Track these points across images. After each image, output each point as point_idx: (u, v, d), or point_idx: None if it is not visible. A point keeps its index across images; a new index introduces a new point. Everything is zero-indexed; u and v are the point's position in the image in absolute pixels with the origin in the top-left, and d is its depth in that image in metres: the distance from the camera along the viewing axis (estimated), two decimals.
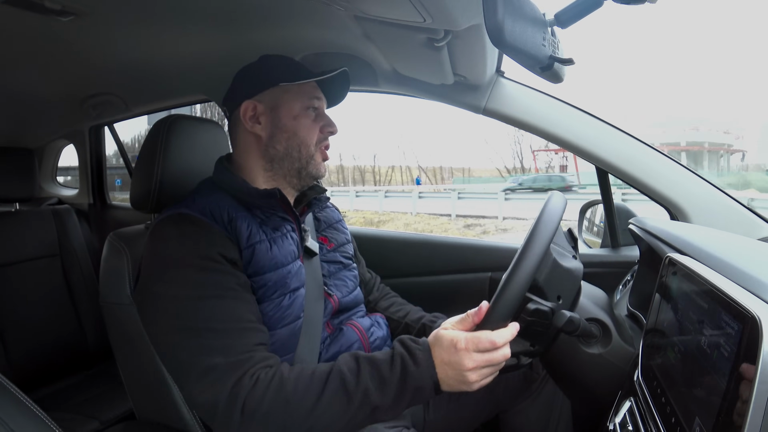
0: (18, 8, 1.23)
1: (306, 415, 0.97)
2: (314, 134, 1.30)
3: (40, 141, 2.95)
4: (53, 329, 2.30)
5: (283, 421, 0.97)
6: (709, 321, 0.70)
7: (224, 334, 1.04)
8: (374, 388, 0.98)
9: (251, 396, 0.97)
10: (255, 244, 1.18)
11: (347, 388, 0.98)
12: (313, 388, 0.99)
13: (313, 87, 1.32)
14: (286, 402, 0.98)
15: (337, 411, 0.97)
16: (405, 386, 0.98)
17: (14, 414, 0.80)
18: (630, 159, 1.55)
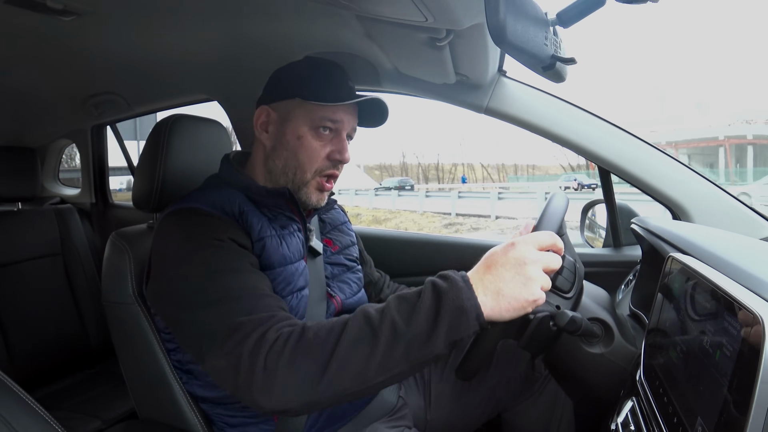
0: (20, 8, 1.24)
1: (329, 357, 0.86)
2: (315, 160, 1.23)
3: (43, 140, 2.96)
4: (55, 328, 2.31)
5: (306, 367, 0.87)
6: (712, 321, 0.70)
7: (245, 299, 0.99)
8: (402, 320, 0.86)
9: (274, 348, 0.89)
10: (265, 238, 1.17)
11: (372, 325, 0.87)
12: (335, 331, 0.89)
13: (333, 109, 1.21)
14: (308, 346, 0.88)
15: (364, 351, 0.85)
16: (439, 311, 0.85)
17: (17, 413, 0.81)
18: (632, 158, 1.55)
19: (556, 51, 0.91)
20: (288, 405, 0.88)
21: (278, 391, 0.87)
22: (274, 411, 0.90)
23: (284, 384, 0.87)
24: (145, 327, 1.24)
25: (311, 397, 0.87)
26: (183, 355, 1.21)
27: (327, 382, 0.85)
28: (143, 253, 1.28)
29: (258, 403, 0.89)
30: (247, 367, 0.89)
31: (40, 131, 2.84)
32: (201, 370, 1.18)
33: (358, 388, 0.86)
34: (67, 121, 2.74)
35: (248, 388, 0.89)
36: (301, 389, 0.87)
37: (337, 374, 0.85)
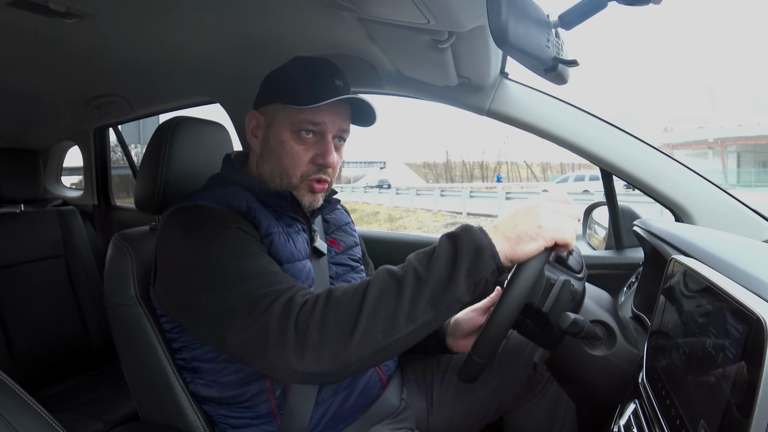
0: (22, 10, 1.24)
1: (359, 312, 0.88)
2: (299, 165, 1.22)
3: (45, 142, 2.97)
4: (58, 330, 2.31)
5: (338, 325, 0.89)
6: (714, 323, 0.70)
7: (264, 275, 1.01)
8: (423, 268, 0.90)
9: (303, 310, 0.91)
10: (273, 234, 1.17)
11: (395, 277, 0.90)
12: (360, 288, 0.91)
13: (314, 111, 1.19)
14: (337, 305, 0.90)
15: (391, 302, 0.88)
16: (457, 253, 0.89)
17: (18, 414, 0.81)
18: (634, 161, 1.55)
19: (558, 53, 0.91)
20: (322, 366, 0.89)
21: (312, 352, 0.88)
22: (307, 373, 0.90)
23: (318, 344, 0.88)
24: (147, 329, 1.24)
25: (344, 355, 0.88)
26: (190, 352, 1.20)
27: (359, 337, 0.87)
28: (146, 254, 1.28)
29: (291, 366, 0.89)
30: (278, 331, 0.90)
31: (42, 133, 2.85)
32: (208, 368, 1.18)
33: (388, 341, 0.88)
34: (70, 123, 2.75)
35: (280, 353, 0.90)
36: (335, 348, 0.88)
37: (368, 329, 0.87)
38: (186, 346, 1.21)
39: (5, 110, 2.40)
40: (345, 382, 1.24)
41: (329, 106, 1.18)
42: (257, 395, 1.17)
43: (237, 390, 1.17)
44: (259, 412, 1.18)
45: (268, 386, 1.17)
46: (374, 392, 1.30)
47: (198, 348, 1.18)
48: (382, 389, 1.32)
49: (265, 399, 1.17)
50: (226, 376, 1.17)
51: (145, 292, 1.26)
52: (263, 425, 1.19)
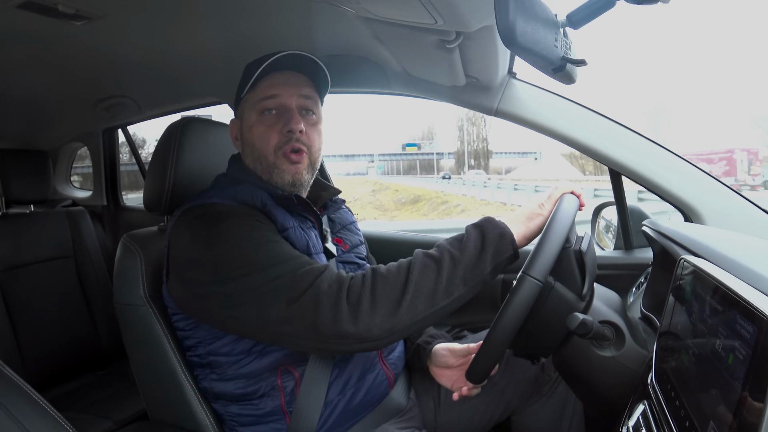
0: (32, 12, 1.25)
1: (405, 284, 1.01)
2: (270, 141, 1.25)
3: (54, 143, 2.99)
4: (67, 329, 2.33)
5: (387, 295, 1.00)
6: (724, 324, 0.69)
7: (298, 258, 1.09)
8: (456, 250, 1.04)
9: (354, 283, 1.02)
10: (289, 229, 1.20)
11: (433, 257, 1.04)
12: (403, 265, 1.04)
13: (267, 86, 1.26)
14: (384, 279, 1.02)
15: (431, 277, 1.01)
16: (485, 238, 1.05)
17: (28, 413, 0.81)
18: (643, 160, 1.54)
19: (567, 52, 0.91)
20: (372, 332, 0.99)
21: (364, 319, 0.98)
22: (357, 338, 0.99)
23: (370, 312, 0.99)
24: (156, 328, 1.24)
25: (392, 323, 0.99)
26: (206, 347, 1.20)
27: (405, 307, 0.99)
28: (154, 255, 1.29)
29: (344, 330, 0.98)
30: (331, 302, 0.99)
31: (52, 134, 2.87)
32: (224, 361, 1.19)
33: (428, 312, 1.01)
34: (79, 125, 2.76)
35: (333, 321, 0.98)
36: (384, 315, 0.99)
37: (413, 300, 1.00)
38: (201, 342, 1.21)
39: (15, 112, 2.41)
40: (353, 381, 1.24)
41: (282, 78, 1.27)
42: (268, 392, 1.18)
43: (249, 386, 1.18)
44: (269, 410, 1.18)
45: (279, 383, 1.17)
46: (382, 391, 1.30)
47: (214, 342, 1.19)
48: (389, 388, 1.32)
49: (276, 396, 1.18)
50: (240, 368, 1.18)
51: (154, 292, 1.26)
52: (272, 423, 1.19)
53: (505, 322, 0.97)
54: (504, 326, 0.97)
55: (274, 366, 1.18)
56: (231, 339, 1.17)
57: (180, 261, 1.15)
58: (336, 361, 1.22)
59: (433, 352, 1.38)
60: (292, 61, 1.26)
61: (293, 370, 1.18)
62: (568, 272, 1.07)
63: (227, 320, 1.10)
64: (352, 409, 1.24)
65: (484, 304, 1.88)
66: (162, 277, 1.25)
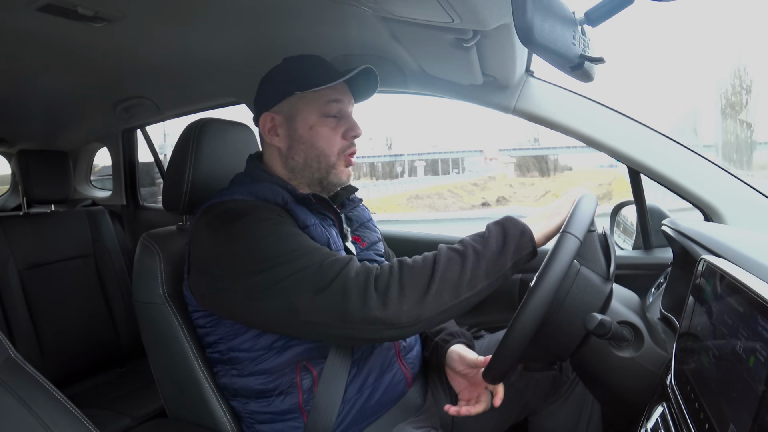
0: (52, 15, 1.26)
1: (431, 275, 1.02)
2: (334, 143, 1.29)
3: (75, 144, 3.02)
4: (87, 327, 2.36)
5: (414, 284, 1.02)
6: (745, 325, 0.69)
7: (322, 249, 1.11)
8: (479, 245, 1.06)
9: (381, 273, 1.04)
10: (310, 226, 1.21)
11: (457, 251, 1.06)
12: (428, 257, 1.06)
13: (331, 90, 1.27)
14: (411, 270, 1.04)
15: (456, 269, 1.03)
16: (506, 234, 1.07)
17: (49, 409, 0.83)
18: (663, 159, 1.53)
19: (585, 50, 0.90)
20: (400, 317, 1.00)
21: (393, 306, 1.00)
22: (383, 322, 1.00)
23: (399, 299, 1.00)
24: (175, 327, 1.26)
25: (419, 311, 1.01)
26: (227, 343, 1.21)
27: (432, 296, 1.01)
28: (173, 254, 1.30)
29: (373, 316, 1.00)
30: (360, 290, 1.01)
31: (72, 135, 2.90)
32: (244, 357, 1.20)
33: (452, 302, 1.02)
34: (99, 125, 2.79)
35: (362, 308, 1.00)
36: (412, 303, 1.01)
37: (439, 290, 1.01)
38: (222, 339, 1.22)
39: (36, 113, 2.44)
40: (371, 379, 1.24)
41: (340, 86, 1.29)
42: (287, 390, 1.18)
43: (269, 382, 1.19)
44: (287, 408, 1.19)
45: (297, 381, 1.18)
46: (399, 390, 1.30)
47: (236, 338, 1.19)
48: (407, 387, 1.32)
49: (294, 394, 1.18)
50: (260, 364, 1.18)
51: (173, 290, 1.27)
52: (290, 421, 1.20)
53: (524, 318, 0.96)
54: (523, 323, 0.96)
55: (294, 362, 1.18)
56: (252, 335, 1.17)
57: (203, 257, 1.16)
58: (354, 360, 1.22)
59: (449, 353, 1.37)
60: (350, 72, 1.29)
61: (312, 368, 1.18)
62: (593, 255, 1.08)
63: (253, 313, 1.10)
64: (369, 408, 1.24)
65: (502, 303, 1.87)
66: (181, 276, 1.26)
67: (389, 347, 1.30)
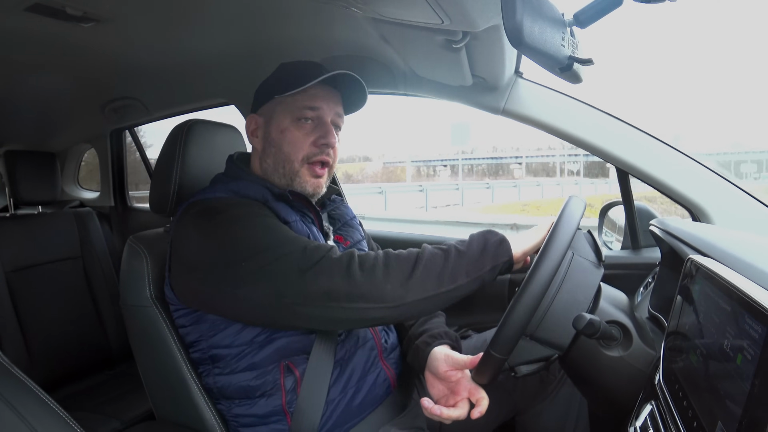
0: (40, 15, 1.25)
1: (415, 263, 1.05)
2: (301, 149, 1.27)
3: (63, 145, 3.01)
4: (75, 330, 2.34)
5: (398, 269, 1.04)
6: (732, 324, 0.69)
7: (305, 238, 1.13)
8: (461, 245, 1.10)
9: (366, 256, 1.07)
10: (291, 222, 1.22)
11: (440, 248, 1.09)
12: (413, 250, 1.10)
13: (310, 96, 1.27)
14: (396, 257, 1.07)
15: (439, 262, 1.06)
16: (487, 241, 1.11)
17: (37, 413, 0.82)
18: (651, 160, 1.54)
19: (574, 52, 0.91)
20: (384, 294, 1.03)
21: (378, 282, 1.03)
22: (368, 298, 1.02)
23: (383, 277, 1.03)
24: (162, 329, 1.25)
25: (403, 291, 1.03)
26: (207, 341, 1.21)
27: (415, 280, 1.03)
28: (161, 256, 1.29)
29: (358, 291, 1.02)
30: (344, 270, 1.03)
31: (60, 136, 2.89)
32: (225, 354, 1.20)
33: (434, 291, 1.04)
34: (87, 126, 2.78)
35: (347, 282, 1.02)
36: (396, 282, 1.03)
37: (423, 276, 1.04)
38: (203, 336, 1.22)
39: (23, 113, 2.43)
40: (353, 380, 1.24)
41: (323, 92, 1.29)
42: (269, 391, 1.18)
43: (252, 380, 1.18)
44: (270, 410, 1.19)
45: (281, 381, 1.18)
46: (383, 390, 1.30)
47: (216, 335, 1.19)
48: (391, 388, 1.32)
49: (277, 396, 1.18)
50: (243, 359, 1.18)
51: (160, 293, 1.27)
52: (273, 424, 1.19)
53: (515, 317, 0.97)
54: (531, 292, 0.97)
55: (277, 359, 1.18)
56: (233, 330, 1.18)
57: (186, 253, 1.16)
58: (337, 360, 1.22)
59: (432, 354, 1.30)
60: (336, 76, 1.28)
61: (294, 369, 1.18)
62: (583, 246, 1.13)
63: (237, 304, 1.10)
64: (353, 408, 1.24)
65: (491, 304, 1.87)
66: None
67: (372, 347, 1.30)
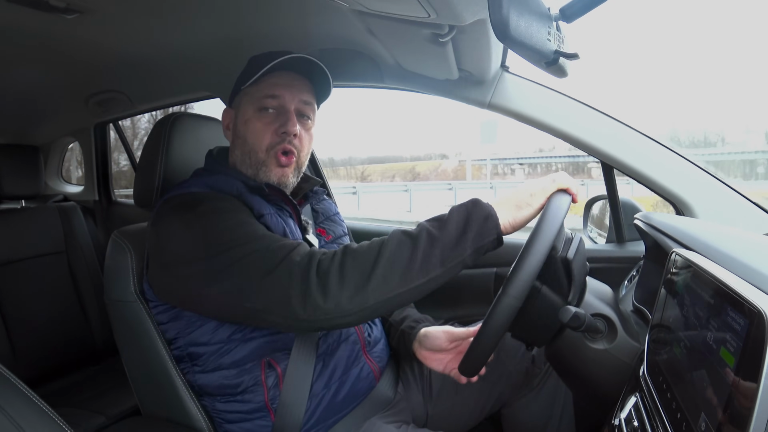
0: (22, 6, 1.24)
1: (375, 261, 0.98)
2: (263, 138, 1.27)
3: (46, 138, 2.97)
4: (60, 325, 2.32)
5: (356, 269, 0.98)
6: (715, 316, 0.70)
7: (273, 235, 1.10)
8: (435, 229, 1.00)
9: (324, 258, 1.00)
10: (265, 215, 1.20)
11: (409, 235, 1.01)
12: (375, 243, 1.02)
13: (271, 84, 1.27)
14: (354, 255, 1.00)
15: (405, 253, 0.98)
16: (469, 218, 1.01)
17: (21, 409, 0.81)
18: (635, 154, 1.55)
19: (560, 46, 0.91)
20: (341, 306, 0.96)
21: (333, 293, 0.96)
22: (331, 314, 0.97)
23: (338, 286, 0.97)
24: (147, 324, 1.24)
25: (362, 298, 0.97)
26: (185, 338, 1.21)
27: (375, 282, 0.96)
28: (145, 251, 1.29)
29: (316, 306, 0.97)
30: (301, 276, 0.98)
31: (43, 129, 2.85)
32: (203, 351, 1.19)
33: (402, 289, 0.97)
34: (71, 119, 2.75)
35: (303, 294, 0.97)
36: (353, 290, 0.96)
37: (384, 275, 0.97)
38: (180, 333, 1.21)
39: (6, 106, 2.40)
40: (337, 374, 1.24)
41: (285, 80, 1.28)
42: (251, 387, 1.18)
43: (232, 378, 1.18)
44: (253, 406, 1.18)
45: (262, 378, 1.18)
46: (367, 384, 1.30)
47: (193, 332, 1.19)
48: (375, 381, 1.32)
49: (259, 392, 1.18)
50: (222, 357, 1.18)
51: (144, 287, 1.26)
52: (257, 420, 1.19)
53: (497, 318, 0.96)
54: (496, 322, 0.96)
55: (257, 356, 1.18)
56: (210, 328, 1.17)
57: (161, 247, 1.16)
58: (319, 354, 1.22)
59: (423, 334, 1.36)
60: (299, 63, 1.27)
61: (276, 365, 1.18)
62: (555, 279, 1.06)
63: (206, 299, 1.09)
64: (337, 403, 1.24)
65: (477, 297, 1.88)
66: None
67: (355, 341, 1.30)
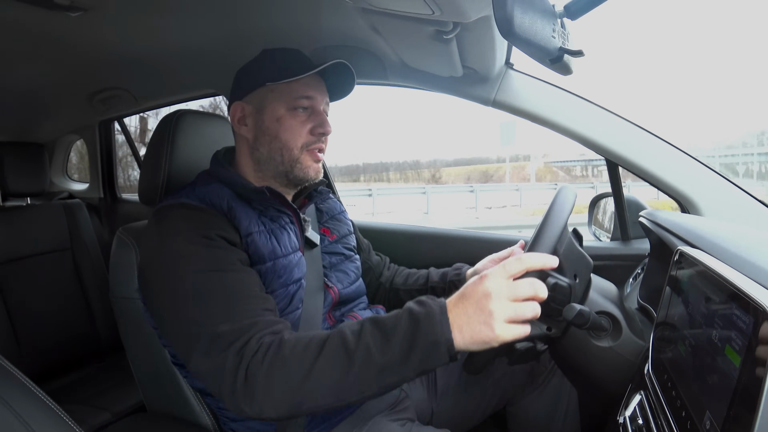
0: (27, 4, 1.24)
1: (305, 375, 0.91)
2: (299, 137, 1.26)
3: (51, 136, 2.98)
4: (65, 322, 2.32)
5: (283, 379, 0.92)
6: (720, 314, 0.70)
7: (229, 302, 1.02)
8: (376, 348, 0.90)
9: (254, 360, 0.94)
10: (253, 233, 1.18)
11: (347, 347, 0.91)
12: (311, 348, 0.93)
13: (303, 85, 1.26)
14: (283, 361, 0.93)
15: (338, 371, 0.90)
16: (414, 342, 0.88)
17: (27, 406, 0.81)
18: (640, 151, 1.54)
19: (564, 43, 0.91)
20: (267, 413, 0.93)
21: (258, 400, 0.93)
22: (256, 417, 0.95)
23: (264, 394, 0.93)
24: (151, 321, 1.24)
25: (289, 406, 0.93)
26: (169, 346, 1.22)
27: (303, 394, 0.91)
28: None
29: (241, 410, 0.95)
30: (230, 378, 0.94)
31: (48, 127, 2.86)
32: None
33: (333, 403, 0.92)
34: (75, 117, 2.75)
35: (230, 396, 0.95)
36: (280, 399, 0.92)
37: (312, 389, 0.91)
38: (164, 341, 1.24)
39: (11, 104, 2.40)
40: None
41: (315, 82, 1.27)
42: None
43: None
44: None
45: None
46: None
47: None
48: None
49: None
50: None
51: None
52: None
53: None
54: None
55: None
56: None
57: (143, 262, 1.17)
58: None
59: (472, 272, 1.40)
60: (329, 68, 1.27)
61: None
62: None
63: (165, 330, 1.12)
64: None
65: None
66: None
67: None
